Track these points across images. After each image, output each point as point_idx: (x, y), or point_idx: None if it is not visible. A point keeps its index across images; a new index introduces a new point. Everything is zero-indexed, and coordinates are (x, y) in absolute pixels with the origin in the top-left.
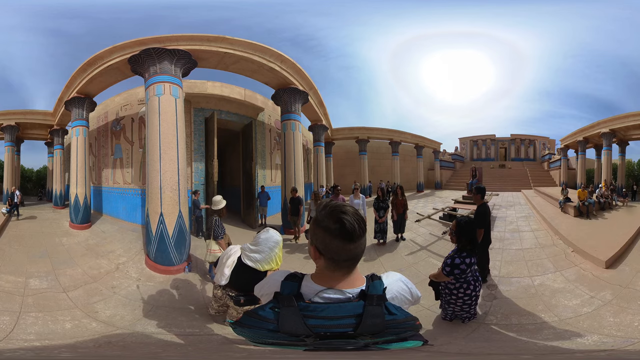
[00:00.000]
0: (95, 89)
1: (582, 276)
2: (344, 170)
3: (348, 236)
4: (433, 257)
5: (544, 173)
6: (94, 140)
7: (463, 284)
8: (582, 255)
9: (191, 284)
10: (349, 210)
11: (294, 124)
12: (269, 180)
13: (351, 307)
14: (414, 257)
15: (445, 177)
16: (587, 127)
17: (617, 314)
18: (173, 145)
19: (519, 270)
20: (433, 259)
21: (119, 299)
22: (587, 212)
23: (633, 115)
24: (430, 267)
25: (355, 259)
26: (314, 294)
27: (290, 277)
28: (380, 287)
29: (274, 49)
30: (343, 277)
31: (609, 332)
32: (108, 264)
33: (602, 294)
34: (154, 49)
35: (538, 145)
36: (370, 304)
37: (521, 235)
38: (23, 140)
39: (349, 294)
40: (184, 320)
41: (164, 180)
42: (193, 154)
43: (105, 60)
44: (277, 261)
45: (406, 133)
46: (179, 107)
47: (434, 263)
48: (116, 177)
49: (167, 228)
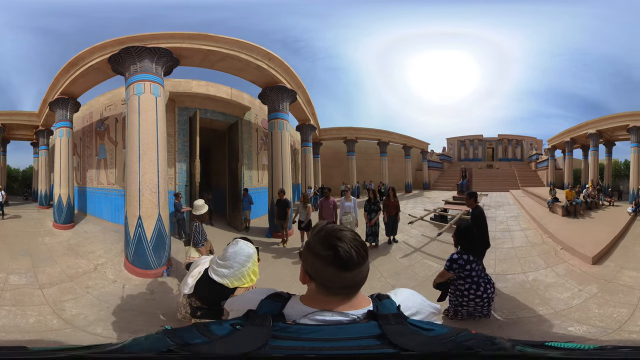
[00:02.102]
0: (79, 90)
1: (571, 271)
2: (331, 170)
3: (343, 265)
4: (428, 259)
5: (532, 173)
6: (78, 140)
7: (472, 285)
8: (571, 252)
9: (168, 288)
10: (346, 236)
11: (281, 122)
12: (255, 181)
13: (359, 328)
14: (409, 260)
15: (433, 177)
16: (574, 128)
17: (601, 306)
18: (153, 145)
19: (512, 267)
20: (429, 260)
21: (90, 299)
22: (575, 212)
23: (619, 117)
24: (426, 269)
25: (354, 286)
26: (301, 316)
27: (273, 296)
28: (392, 305)
29: (261, 47)
30: (342, 302)
31: (594, 323)
32: (87, 264)
33: (589, 287)
34: (134, 48)
35: (525, 146)
36: (387, 324)
37: (512, 235)
38: (9, 140)
39: (352, 316)
40: (143, 325)
41: (143, 182)
42: (177, 154)
43: (86, 61)
44: (251, 277)
45: (394, 133)
46: (160, 106)
47: (430, 265)
48: (100, 177)
49: (146, 231)
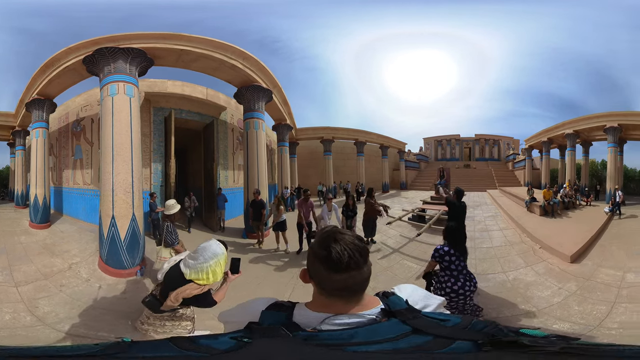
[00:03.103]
0: (55, 91)
1: (550, 270)
2: (308, 170)
3: (333, 266)
4: (407, 260)
5: (509, 173)
6: (55, 141)
7: (451, 278)
8: (549, 251)
9: (140, 288)
10: (343, 239)
11: (257, 122)
12: (231, 181)
13: (387, 327)
14: (387, 261)
15: (411, 177)
16: (551, 128)
17: (580, 303)
18: (127, 145)
19: (492, 267)
20: (407, 261)
21: (63, 297)
22: (552, 211)
23: (596, 117)
24: (405, 270)
25: (347, 289)
26: (318, 322)
27: (274, 306)
28: (400, 301)
29: (235, 46)
30: (348, 304)
31: (576, 320)
32: (62, 263)
33: (568, 285)
34: (108, 49)
35: (502, 145)
36: (407, 319)
37: (490, 234)
38: None
39: (368, 316)
40: (106, 325)
41: (116, 182)
42: (152, 154)
43: (62, 62)
44: (209, 276)
45: (371, 133)
46: (134, 106)
47: (409, 266)
48: (76, 177)
49: (119, 231)
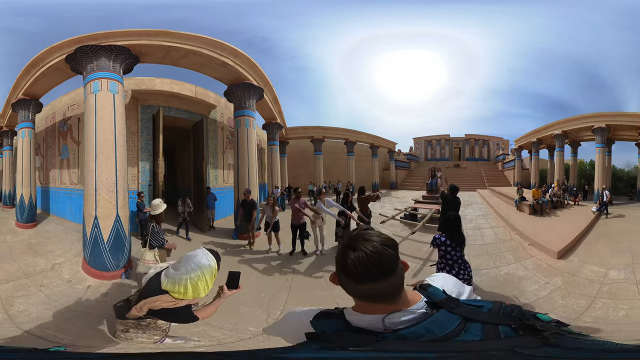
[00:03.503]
0: (41, 91)
1: (539, 265)
2: (298, 170)
3: (351, 276)
4: (401, 257)
5: (498, 173)
6: (42, 141)
7: (446, 267)
8: (538, 247)
9: (124, 292)
10: (365, 246)
11: (247, 120)
12: (221, 180)
13: (444, 318)
14: None
15: (401, 177)
16: (540, 129)
17: (564, 297)
18: (110, 143)
19: (485, 262)
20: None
21: (41, 297)
22: (541, 210)
23: (584, 118)
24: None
25: (376, 297)
26: (378, 323)
27: (322, 315)
28: (438, 292)
29: (226, 43)
30: (392, 305)
31: (558, 313)
32: (45, 263)
33: (554, 280)
34: (90, 47)
35: (492, 146)
36: (452, 309)
37: (482, 232)
38: None
39: (418, 311)
40: (83, 329)
41: (99, 181)
42: (140, 152)
43: (46, 62)
44: (189, 290)
45: (361, 133)
46: (118, 103)
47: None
48: (63, 177)
49: (102, 232)
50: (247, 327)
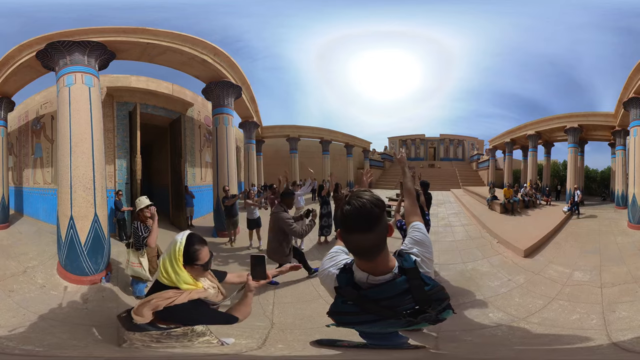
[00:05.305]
0: (13, 89)
1: (504, 262)
2: (273, 169)
3: (343, 225)
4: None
5: (473, 173)
6: (15, 140)
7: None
8: (506, 245)
9: (106, 297)
10: (357, 201)
11: (226, 118)
12: (199, 179)
13: (399, 283)
14: None
15: (375, 176)
16: (514, 129)
17: (522, 296)
18: (87, 137)
19: (453, 258)
20: None
21: (9, 304)
22: (512, 209)
23: (557, 118)
24: None
25: (361, 251)
26: (364, 280)
27: (342, 270)
28: (411, 260)
29: (207, 41)
30: (373, 264)
31: (509, 311)
32: (17, 266)
33: (517, 278)
34: (62, 42)
35: (467, 146)
36: (413, 278)
37: (453, 229)
38: None
39: (389, 274)
40: (65, 339)
41: (75, 178)
42: (116, 150)
43: (16, 59)
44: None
45: (336, 132)
46: (94, 96)
47: None
48: (36, 177)
49: (79, 234)
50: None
